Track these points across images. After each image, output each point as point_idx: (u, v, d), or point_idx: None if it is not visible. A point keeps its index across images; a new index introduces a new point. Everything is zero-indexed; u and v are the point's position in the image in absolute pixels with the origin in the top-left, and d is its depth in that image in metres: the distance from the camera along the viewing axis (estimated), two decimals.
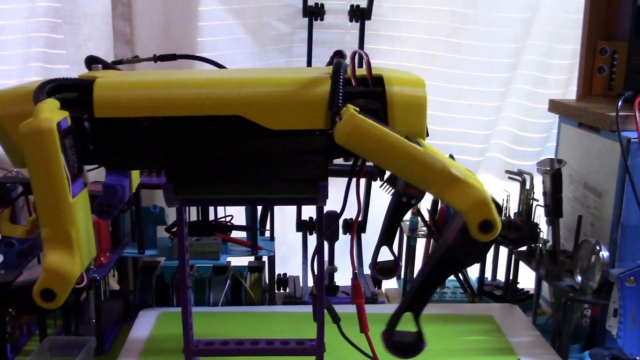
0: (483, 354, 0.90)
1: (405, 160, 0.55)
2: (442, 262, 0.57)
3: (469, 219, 0.53)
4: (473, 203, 0.52)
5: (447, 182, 0.53)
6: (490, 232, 0.53)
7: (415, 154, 0.54)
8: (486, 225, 0.53)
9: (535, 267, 1.00)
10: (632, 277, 0.83)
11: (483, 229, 0.53)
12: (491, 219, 0.52)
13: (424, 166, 0.54)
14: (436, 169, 0.54)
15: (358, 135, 0.55)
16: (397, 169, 0.56)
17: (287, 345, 0.75)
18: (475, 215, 0.53)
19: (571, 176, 1.08)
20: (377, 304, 1.09)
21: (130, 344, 0.91)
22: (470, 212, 0.52)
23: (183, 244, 0.71)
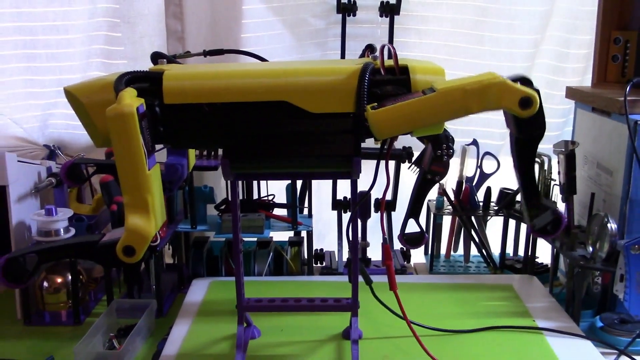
0: (502, 317, 0.99)
1: (433, 111, 0.66)
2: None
3: (507, 106, 0.64)
4: (498, 95, 0.63)
5: (471, 99, 0.64)
6: (531, 107, 0.64)
7: (436, 102, 0.65)
8: (523, 102, 0.63)
9: (551, 240, 1.09)
10: (636, 245, 0.92)
11: (523, 106, 0.64)
12: (527, 95, 0.63)
13: (447, 104, 0.65)
14: (455, 100, 0.64)
15: (386, 124, 0.66)
16: (433, 121, 0.67)
17: (326, 302, 0.86)
18: (508, 100, 0.63)
19: (585, 157, 1.16)
20: (406, 274, 1.19)
21: (187, 307, 1.03)
22: (502, 102, 0.63)
23: (236, 213, 0.82)
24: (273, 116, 0.73)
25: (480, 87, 0.64)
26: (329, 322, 0.95)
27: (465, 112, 0.66)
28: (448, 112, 0.66)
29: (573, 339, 0.93)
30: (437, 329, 0.94)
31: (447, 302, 1.06)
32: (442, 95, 0.65)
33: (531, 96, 0.63)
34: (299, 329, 0.95)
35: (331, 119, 0.73)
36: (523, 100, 0.63)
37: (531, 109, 0.64)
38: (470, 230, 1.25)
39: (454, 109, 0.66)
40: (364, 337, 0.93)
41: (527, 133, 0.71)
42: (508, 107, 0.64)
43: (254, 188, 1.20)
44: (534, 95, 0.64)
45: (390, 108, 0.66)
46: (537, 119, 0.68)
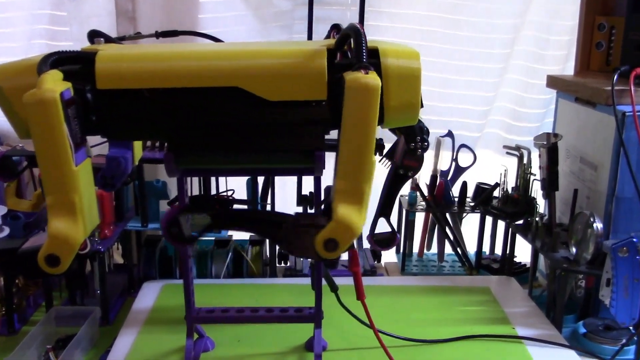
0: (479, 324, 0.92)
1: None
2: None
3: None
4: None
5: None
6: (331, 252, 0.57)
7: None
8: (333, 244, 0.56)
9: (531, 239, 1.02)
10: (624, 247, 0.85)
11: (327, 245, 0.57)
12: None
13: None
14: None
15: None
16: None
17: (286, 312, 0.77)
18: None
19: (568, 150, 1.09)
20: (376, 276, 1.10)
21: (134, 314, 0.94)
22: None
23: None
24: (224, 104, 0.64)
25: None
26: (292, 332, 0.86)
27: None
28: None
29: (555, 349, 0.86)
30: (410, 338, 0.86)
31: (421, 307, 0.98)
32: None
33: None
34: (258, 340, 0.86)
35: (291, 108, 0.64)
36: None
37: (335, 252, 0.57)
38: (444, 227, 1.17)
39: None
40: (329, 348, 0.85)
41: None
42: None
43: (212, 183, 1.10)
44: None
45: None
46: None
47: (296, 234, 0.62)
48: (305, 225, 0.62)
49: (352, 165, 0.57)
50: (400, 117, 0.66)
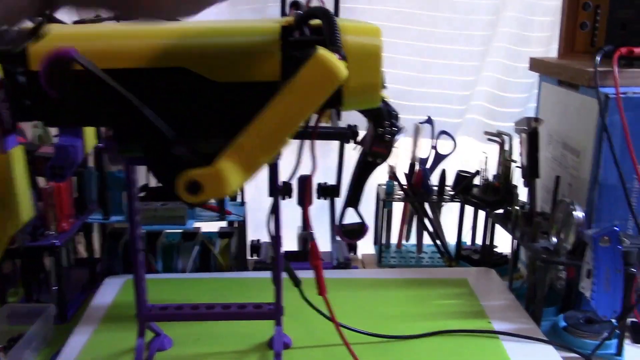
0: (453, 318, 0.87)
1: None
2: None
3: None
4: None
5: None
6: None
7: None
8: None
9: (511, 229, 0.97)
10: (606, 236, 0.80)
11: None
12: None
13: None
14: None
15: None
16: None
17: (244, 309, 0.72)
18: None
19: (550, 136, 1.04)
20: (350, 269, 1.06)
21: (92, 311, 0.89)
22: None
23: (133, 204, 0.68)
24: (169, 86, 0.59)
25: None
26: (254, 329, 0.81)
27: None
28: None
29: (532, 344, 0.81)
30: (378, 334, 0.82)
31: (395, 301, 0.93)
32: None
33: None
34: (218, 338, 0.82)
35: (242, 89, 0.59)
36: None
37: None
38: (423, 217, 1.12)
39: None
40: (293, 345, 0.80)
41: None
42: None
43: None
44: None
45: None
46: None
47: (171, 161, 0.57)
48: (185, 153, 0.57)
49: (265, 131, 0.53)
50: (361, 99, 0.61)
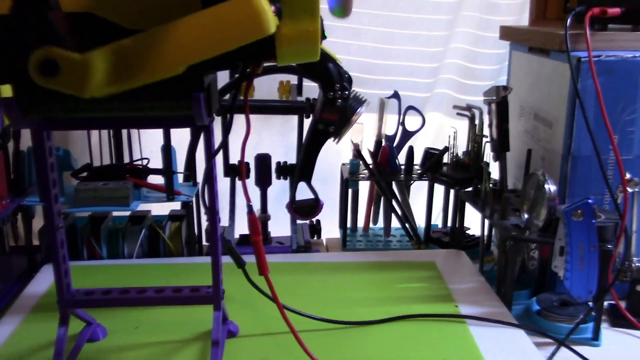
0: (418, 302, 0.80)
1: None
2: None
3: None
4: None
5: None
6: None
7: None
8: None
9: (480, 207, 0.90)
10: (579, 210, 0.74)
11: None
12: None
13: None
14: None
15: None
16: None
17: (180, 292, 0.65)
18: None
19: (522, 108, 0.98)
20: (311, 252, 0.99)
21: (23, 300, 0.81)
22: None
23: (47, 177, 0.60)
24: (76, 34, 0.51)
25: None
26: (200, 316, 0.74)
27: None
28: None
29: (502, 328, 0.75)
30: (334, 320, 0.75)
31: (357, 285, 0.86)
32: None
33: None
34: (159, 326, 0.74)
35: None
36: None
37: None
38: (390, 198, 1.05)
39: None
40: (241, 333, 0.73)
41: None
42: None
43: (125, 151, 0.98)
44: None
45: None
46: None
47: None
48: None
49: (158, 43, 0.48)
50: (297, 50, 0.54)
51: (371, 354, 0.69)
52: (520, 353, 0.70)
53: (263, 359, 0.68)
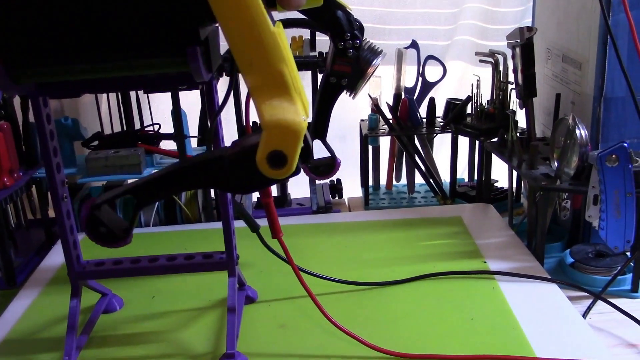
0: (442, 260, 0.77)
1: (246, 28, 0.41)
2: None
3: (265, 139, 0.42)
4: (280, 124, 0.41)
5: (271, 83, 0.42)
6: (278, 169, 0.42)
7: (263, 29, 0.41)
8: (278, 158, 0.42)
9: (507, 157, 0.86)
10: (613, 155, 0.69)
11: (272, 161, 0.42)
12: (288, 154, 0.42)
13: (262, 47, 0.41)
14: (271, 60, 0.41)
15: None
16: (231, 33, 0.42)
17: (192, 259, 0.62)
18: (274, 139, 0.42)
19: (549, 50, 0.92)
20: (331, 212, 0.95)
21: (40, 273, 0.80)
22: (270, 132, 0.41)
23: (46, 146, 0.58)
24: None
25: (283, 92, 0.42)
26: (218, 283, 0.72)
27: (246, 71, 0.43)
28: (243, 46, 0.42)
29: (534, 283, 0.71)
30: (353, 282, 0.72)
31: (380, 245, 0.83)
32: (267, 35, 0.41)
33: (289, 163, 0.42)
34: (177, 295, 0.73)
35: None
36: (279, 155, 0.42)
37: (275, 171, 0.43)
38: (412, 153, 1.01)
39: (246, 53, 0.42)
40: (259, 299, 0.71)
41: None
42: (264, 138, 0.42)
43: (135, 118, 0.95)
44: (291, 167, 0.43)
45: None
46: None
47: (236, 165, 0.46)
48: (241, 150, 0.46)
49: (249, 49, 0.42)
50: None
51: (394, 316, 0.66)
52: (554, 308, 0.66)
53: (281, 324, 0.65)
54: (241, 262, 0.71)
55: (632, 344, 0.66)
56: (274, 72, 0.42)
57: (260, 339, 0.63)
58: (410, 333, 0.63)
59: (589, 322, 0.69)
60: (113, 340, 0.65)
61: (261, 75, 0.42)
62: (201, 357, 0.61)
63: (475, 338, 0.61)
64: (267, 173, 0.42)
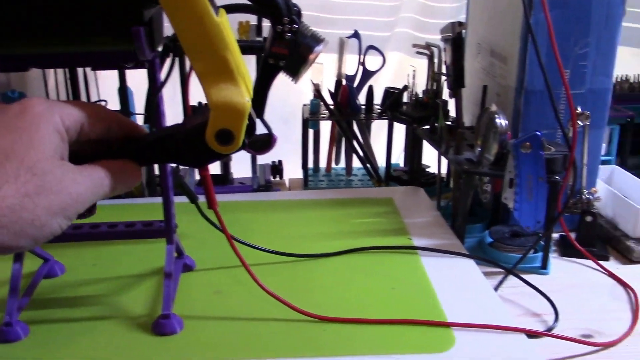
0: (372, 236, 0.82)
1: (191, 20, 0.45)
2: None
3: (213, 119, 0.45)
4: (226, 105, 0.44)
5: (217, 69, 0.45)
6: (226, 145, 0.46)
7: (207, 20, 0.44)
8: (226, 135, 0.45)
9: (436, 143, 0.92)
10: (527, 142, 0.75)
11: (220, 138, 0.45)
12: (234, 132, 0.45)
13: (207, 37, 0.44)
14: (215, 48, 0.45)
15: None
16: (178, 24, 0.45)
17: (133, 227, 0.66)
18: (221, 119, 0.45)
19: (479, 45, 0.98)
20: (271, 191, 1.00)
21: None
22: (218, 112, 0.45)
23: None
24: None
25: (227, 77, 0.46)
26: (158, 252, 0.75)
27: (192, 58, 0.46)
28: (189, 34, 0.45)
29: (453, 258, 0.77)
30: (287, 253, 0.77)
31: (314, 222, 0.88)
32: (212, 25, 0.45)
33: (235, 139, 0.46)
34: (118, 263, 0.76)
35: None
36: (226, 133, 0.46)
37: (224, 147, 0.46)
38: (351, 138, 1.06)
39: (193, 42, 0.45)
40: (197, 268, 0.75)
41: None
42: (212, 118, 0.46)
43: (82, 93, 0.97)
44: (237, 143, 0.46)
45: None
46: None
47: (188, 141, 0.49)
48: (192, 128, 0.49)
49: (194, 38, 0.45)
50: None
51: (322, 285, 0.71)
52: (469, 281, 0.73)
53: (216, 290, 0.70)
54: (181, 234, 0.75)
55: (537, 313, 0.73)
56: (218, 59, 0.46)
57: (196, 303, 0.67)
58: (336, 300, 0.68)
59: (500, 294, 0.76)
60: (54, 302, 0.68)
61: (207, 62, 0.46)
62: (138, 319, 0.64)
63: (394, 305, 0.67)
64: (217, 149, 0.46)
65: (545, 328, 0.69)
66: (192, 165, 0.51)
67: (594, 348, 0.65)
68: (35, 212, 0.36)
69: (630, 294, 0.76)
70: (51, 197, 0.37)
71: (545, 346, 0.66)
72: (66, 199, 0.38)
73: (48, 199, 0.37)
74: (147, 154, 0.47)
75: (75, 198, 0.39)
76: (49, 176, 0.37)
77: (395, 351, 0.59)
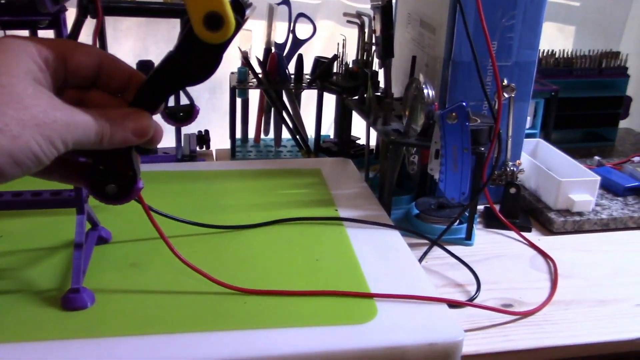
0: (297, 207, 0.81)
1: None
2: (163, 70, 0.43)
3: (192, 9, 0.41)
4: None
5: None
6: (218, 30, 0.41)
7: None
8: (213, 19, 0.41)
9: (365, 114, 0.90)
10: (453, 113, 0.75)
11: (209, 24, 0.41)
12: (220, 12, 0.41)
13: None
14: None
15: None
16: None
17: (40, 196, 0.62)
18: (201, 2, 0.40)
19: (409, 15, 0.97)
20: (196, 161, 0.97)
21: None
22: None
23: None
24: None
25: None
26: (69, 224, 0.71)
27: None
28: None
29: (378, 229, 0.76)
30: (207, 225, 0.74)
31: (239, 193, 0.85)
32: None
33: (225, 19, 0.41)
34: (27, 235, 0.71)
35: None
36: (213, 16, 0.41)
37: (217, 33, 0.41)
38: (280, 108, 1.04)
39: None
40: (113, 240, 0.71)
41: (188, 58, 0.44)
42: (190, 8, 0.41)
43: None
44: (230, 22, 0.41)
45: None
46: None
47: (183, 51, 0.43)
48: (181, 38, 0.44)
49: None
50: None
51: (245, 257, 0.69)
52: (393, 251, 0.72)
53: (132, 263, 0.67)
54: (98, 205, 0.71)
55: (460, 284, 0.73)
56: None
57: (109, 276, 0.64)
58: (259, 272, 0.66)
59: (425, 265, 0.76)
60: None
61: None
62: (46, 293, 0.61)
63: (318, 276, 0.65)
64: (210, 39, 0.41)
65: (468, 298, 0.70)
66: (201, 75, 0.46)
67: (514, 317, 0.66)
68: (4, 120, 0.34)
69: (550, 264, 0.78)
70: (20, 109, 0.35)
71: (466, 316, 0.66)
72: (40, 115, 0.36)
73: (16, 109, 0.35)
74: (153, 91, 0.43)
75: (53, 119, 0.36)
76: (18, 88, 0.36)
77: (317, 323, 0.58)
